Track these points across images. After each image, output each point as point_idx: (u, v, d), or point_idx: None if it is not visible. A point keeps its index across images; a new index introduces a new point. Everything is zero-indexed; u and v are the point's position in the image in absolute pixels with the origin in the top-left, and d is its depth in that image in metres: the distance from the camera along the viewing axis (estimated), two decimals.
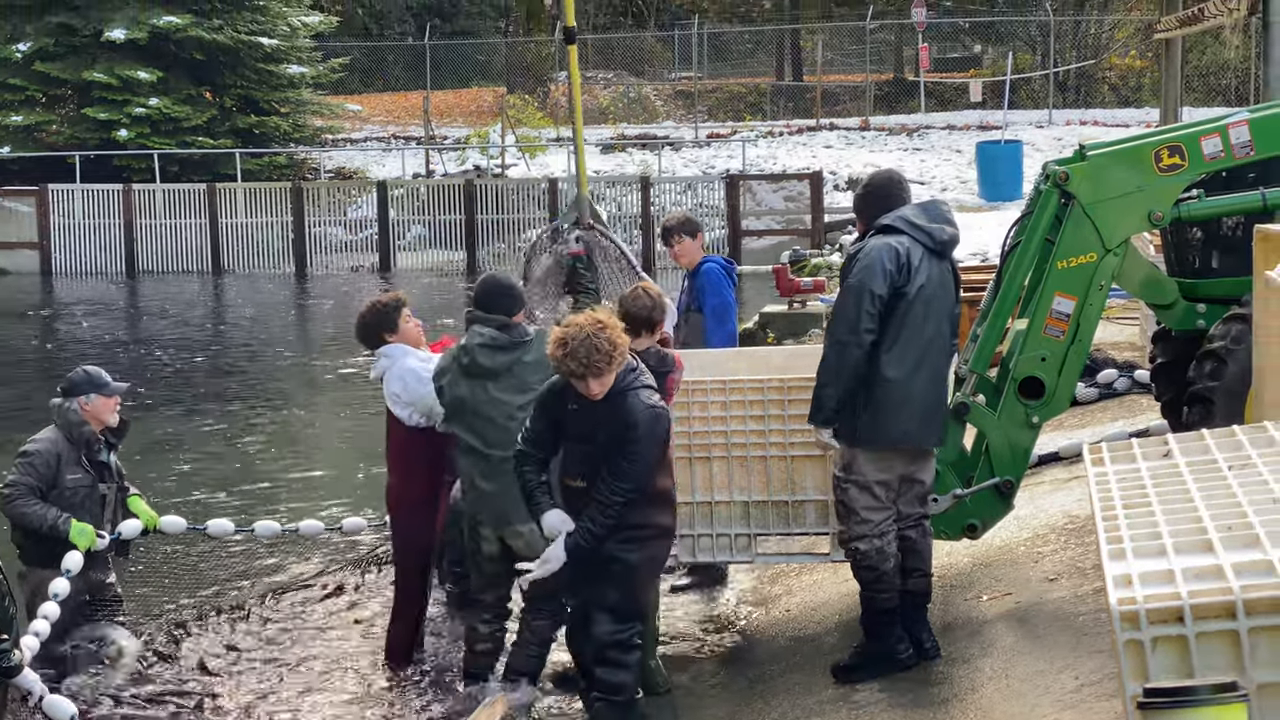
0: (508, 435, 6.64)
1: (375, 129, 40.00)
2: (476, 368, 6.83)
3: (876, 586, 6.39)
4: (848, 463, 6.40)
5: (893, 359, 6.27)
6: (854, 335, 6.24)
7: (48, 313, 27.29)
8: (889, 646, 6.37)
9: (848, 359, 6.26)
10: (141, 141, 32.62)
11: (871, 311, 6.22)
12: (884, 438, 6.34)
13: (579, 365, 5.77)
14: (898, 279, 6.25)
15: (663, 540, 6.19)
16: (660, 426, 5.97)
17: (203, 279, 30.99)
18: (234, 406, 17.53)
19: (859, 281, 6.27)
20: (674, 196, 31.60)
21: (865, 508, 6.37)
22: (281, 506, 11.78)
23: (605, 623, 5.98)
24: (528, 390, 6.68)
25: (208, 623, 8.66)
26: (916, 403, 6.32)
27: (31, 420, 8.10)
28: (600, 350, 5.76)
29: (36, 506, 7.72)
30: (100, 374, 8.03)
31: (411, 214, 32.57)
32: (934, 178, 31.06)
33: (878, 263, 6.26)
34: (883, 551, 6.37)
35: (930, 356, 6.38)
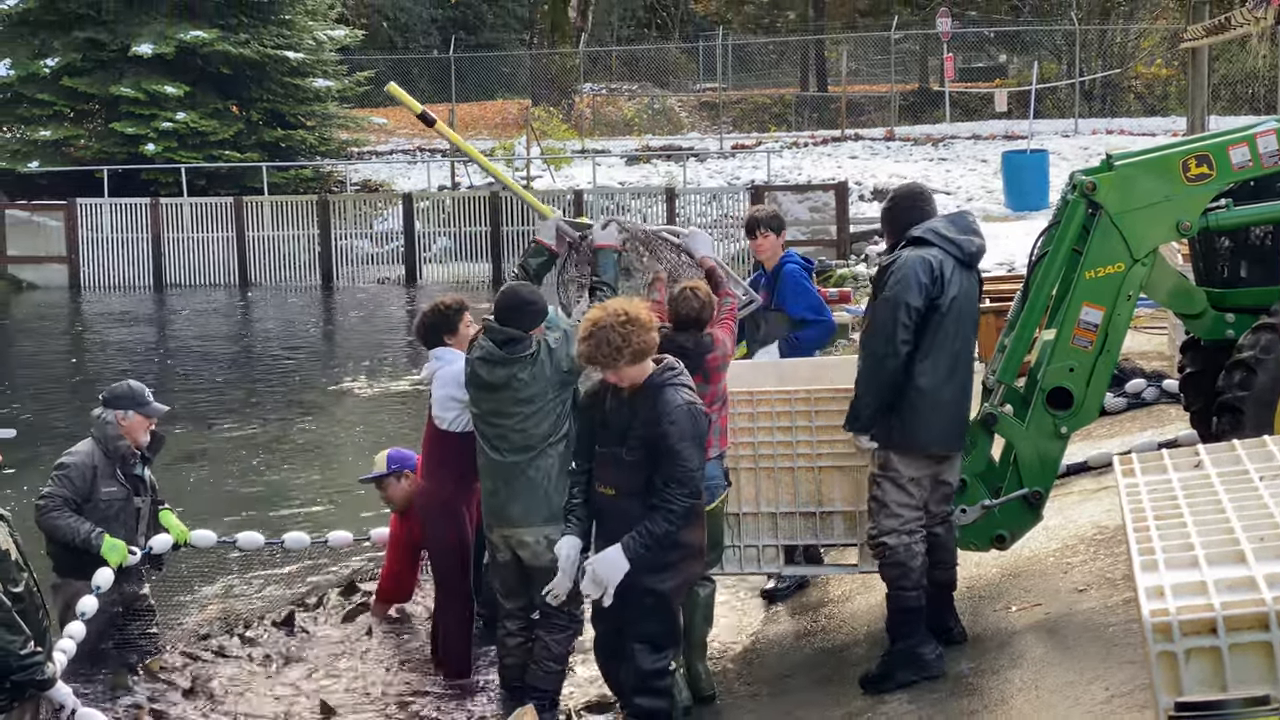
0: (510, 442, 6.83)
1: (401, 141, 40.12)
2: (477, 380, 6.97)
3: (903, 584, 6.49)
4: (883, 461, 6.58)
5: (926, 369, 6.45)
6: (890, 347, 6.40)
7: (79, 328, 27.42)
8: (915, 647, 6.43)
9: (885, 371, 6.43)
10: (169, 155, 32.77)
11: (907, 324, 6.38)
12: (916, 443, 6.51)
13: (591, 353, 5.90)
14: (932, 291, 6.42)
15: (693, 562, 6.17)
16: (698, 424, 5.93)
17: (230, 292, 31.11)
18: (261, 419, 17.58)
19: (895, 295, 6.40)
20: (699, 208, 31.60)
21: (897, 502, 6.51)
22: (310, 518, 11.79)
23: (644, 654, 6.00)
24: (530, 402, 6.80)
25: (235, 633, 8.70)
26: (946, 410, 6.53)
27: (59, 435, 8.14)
28: (609, 343, 5.82)
29: (71, 519, 7.77)
30: (144, 392, 8.09)
31: (437, 226, 32.65)
32: (959, 188, 30.97)
33: (912, 276, 6.41)
34: (910, 549, 6.48)
35: (959, 366, 6.57)
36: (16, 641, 5.98)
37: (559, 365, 6.82)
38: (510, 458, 6.87)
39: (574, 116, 41.38)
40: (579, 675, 7.39)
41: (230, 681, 7.96)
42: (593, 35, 45.67)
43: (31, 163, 33.13)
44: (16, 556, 6.20)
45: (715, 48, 42.95)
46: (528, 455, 6.84)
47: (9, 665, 5.99)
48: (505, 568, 7.02)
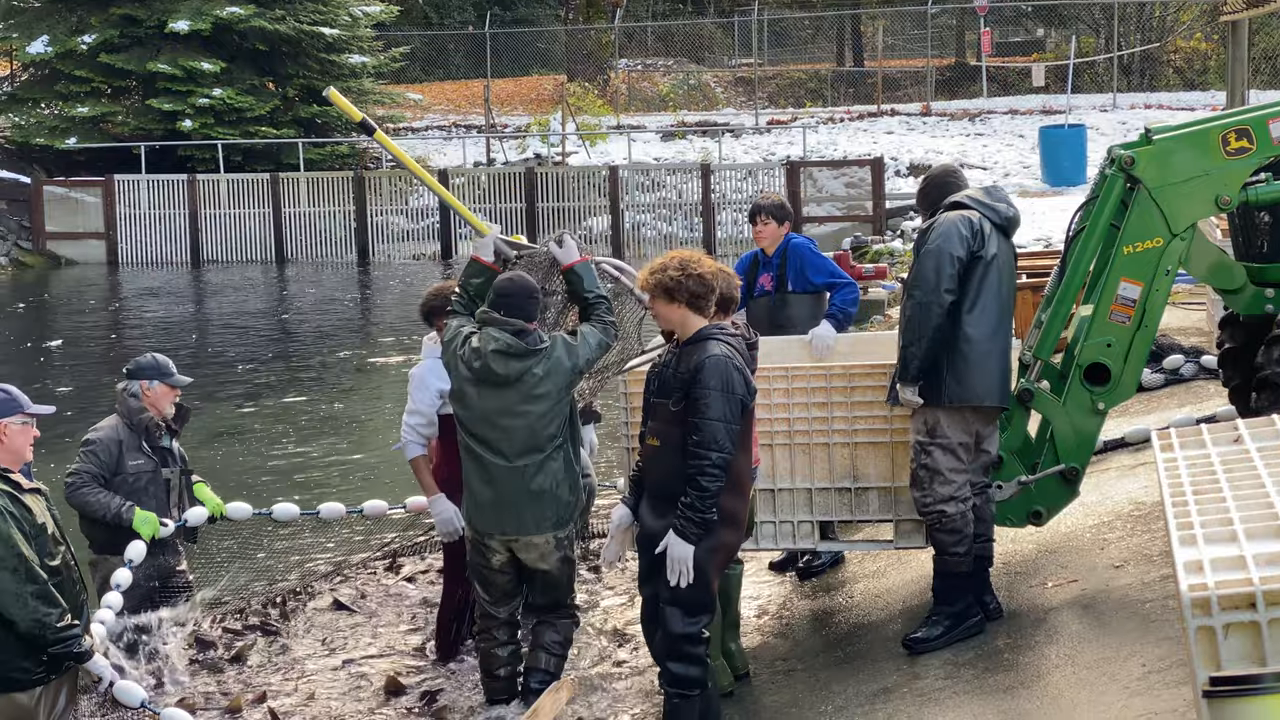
0: (514, 444, 6.52)
1: (436, 118, 40.14)
2: (489, 374, 6.54)
3: (955, 550, 6.57)
4: (931, 426, 6.59)
5: (974, 319, 6.55)
6: (934, 295, 6.49)
7: (116, 304, 27.58)
8: (960, 610, 6.51)
9: (929, 318, 6.49)
10: (205, 132, 32.90)
11: (951, 273, 6.49)
12: (969, 394, 6.55)
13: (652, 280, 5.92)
14: (973, 244, 6.56)
15: (731, 529, 5.94)
16: (732, 378, 5.73)
17: (266, 268, 31.24)
18: (296, 394, 17.67)
19: (937, 246, 6.55)
20: (734, 184, 31.54)
21: (950, 469, 6.56)
22: (345, 490, 11.84)
23: (675, 618, 5.90)
24: (540, 400, 6.53)
25: (274, 607, 8.75)
26: (996, 361, 6.60)
27: (97, 412, 8.18)
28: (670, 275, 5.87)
29: (100, 495, 7.80)
30: (168, 363, 8.10)
31: (473, 202, 32.65)
32: (996, 163, 30.81)
33: (954, 229, 6.57)
34: (965, 516, 6.57)
35: (1004, 320, 6.68)
36: (53, 614, 6.02)
37: (575, 363, 6.59)
38: (517, 461, 6.54)
39: (609, 92, 41.31)
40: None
41: (271, 656, 8.01)
42: (628, 11, 45.55)
43: (69, 139, 33.31)
44: (53, 530, 6.24)
45: (750, 23, 42.78)
46: (535, 458, 6.54)
47: (45, 638, 6.03)
48: (500, 573, 6.71)
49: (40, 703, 6.16)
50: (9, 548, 5.92)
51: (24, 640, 6.01)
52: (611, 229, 31.74)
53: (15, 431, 6.15)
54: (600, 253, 32.54)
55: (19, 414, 6.17)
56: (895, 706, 6.02)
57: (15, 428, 6.15)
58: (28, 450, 6.23)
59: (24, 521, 6.01)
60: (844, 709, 6.21)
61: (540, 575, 6.70)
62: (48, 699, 6.19)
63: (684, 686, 5.91)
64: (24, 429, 6.18)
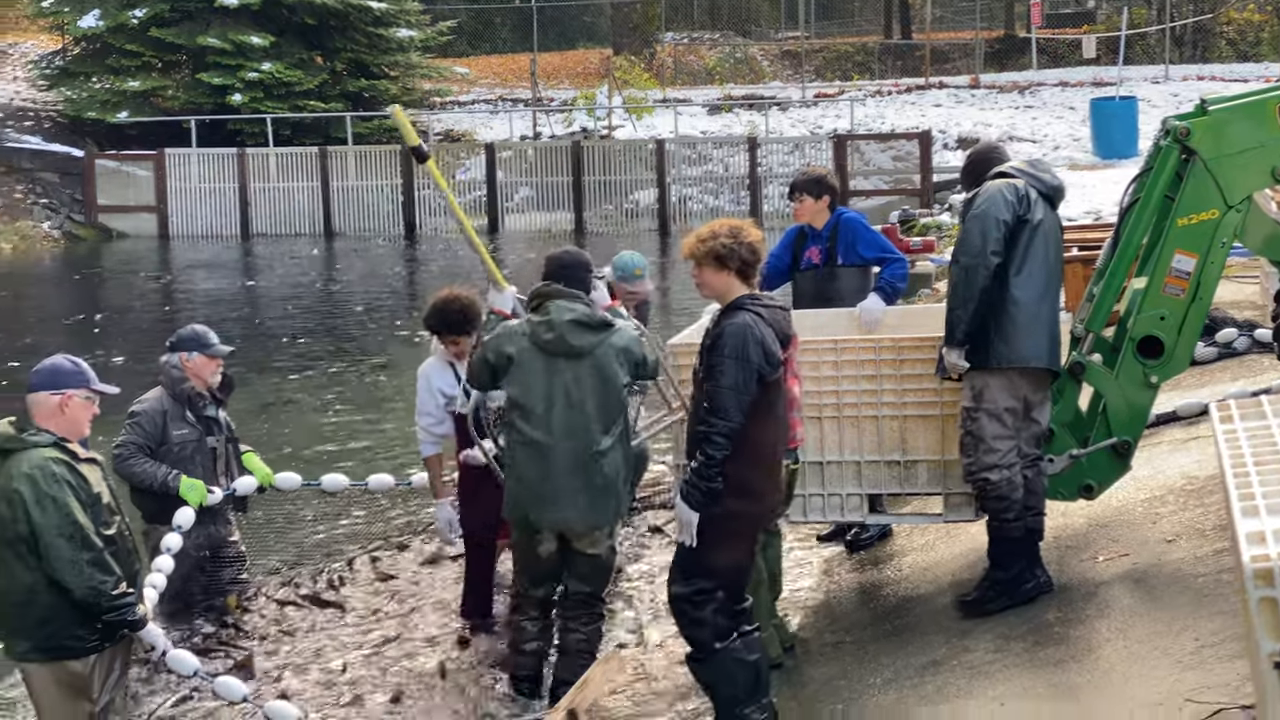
0: (583, 423, 6.43)
1: (483, 91, 40.15)
2: (563, 345, 6.45)
3: (1006, 515, 6.57)
4: (979, 391, 6.57)
5: (1021, 282, 6.55)
6: (980, 258, 6.50)
7: (167, 277, 27.77)
8: (1016, 575, 6.52)
9: (975, 281, 6.51)
10: (255, 106, 33.03)
11: (997, 236, 6.51)
12: (1017, 357, 6.53)
13: (694, 245, 5.89)
14: (1019, 209, 6.57)
15: (743, 498, 5.73)
16: (748, 347, 5.64)
17: (314, 241, 31.37)
18: (344, 366, 17.75)
19: (983, 211, 6.57)
20: (781, 157, 31.41)
21: (995, 436, 6.54)
22: (391, 462, 11.89)
23: (675, 578, 5.89)
24: (609, 380, 6.46)
25: (323, 578, 8.81)
26: (1044, 324, 6.59)
27: (147, 383, 8.23)
28: (699, 235, 5.89)
29: (147, 465, 7.86)
30: (207, 334, 8.12)
31: (519, 176, 32.71)
32: (1046, 135, 30.55)
33: (999, 194, 6.59)
34: (1011, 481, 6.55)
35: (1052, 284, 6.69)
36: (109, 582, 6.07)
37: (644, 355, 6.57)
38: (584, 442, 6.44)
39: (655, 65, 41.21)
40: None
41: (320, 626, 8.06)
42: None
43: (121, 113, 33.50)
44: (109, 500, 6.30)
45: None
46: (603, 442, 6.47)
47: (100, 605, 6.09)
48: (547, 560, 6.65)
49: (95, 670, 6.23)
50: (65, 516, 5.98)
51: (79, 608, 6.07)
52: (658, 202, 31.69)
53: (77, 405, 6.20)
54: (646, 227, 32.56)
55: (84, 388, 6.23)
56: (945, 679, 6.00)
57: (78, 401, 6.21)
58: (86, 425, 6.28)
59: (80, 490, 6.07)
60: (893, 681, 6.20)
61: (588, 562, 6.65)
62: (102, 667, 6.26)
63: (692, 647, 5.90)
64: (86, 404, 6.24)
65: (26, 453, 6.06)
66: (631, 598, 8.14)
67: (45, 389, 6.21)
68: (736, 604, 5.90)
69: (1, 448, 6.13)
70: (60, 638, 6.12)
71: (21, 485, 5.98)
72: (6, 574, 6.11)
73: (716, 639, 5.83)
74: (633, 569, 8.59)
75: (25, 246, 30.66)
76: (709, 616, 5.81)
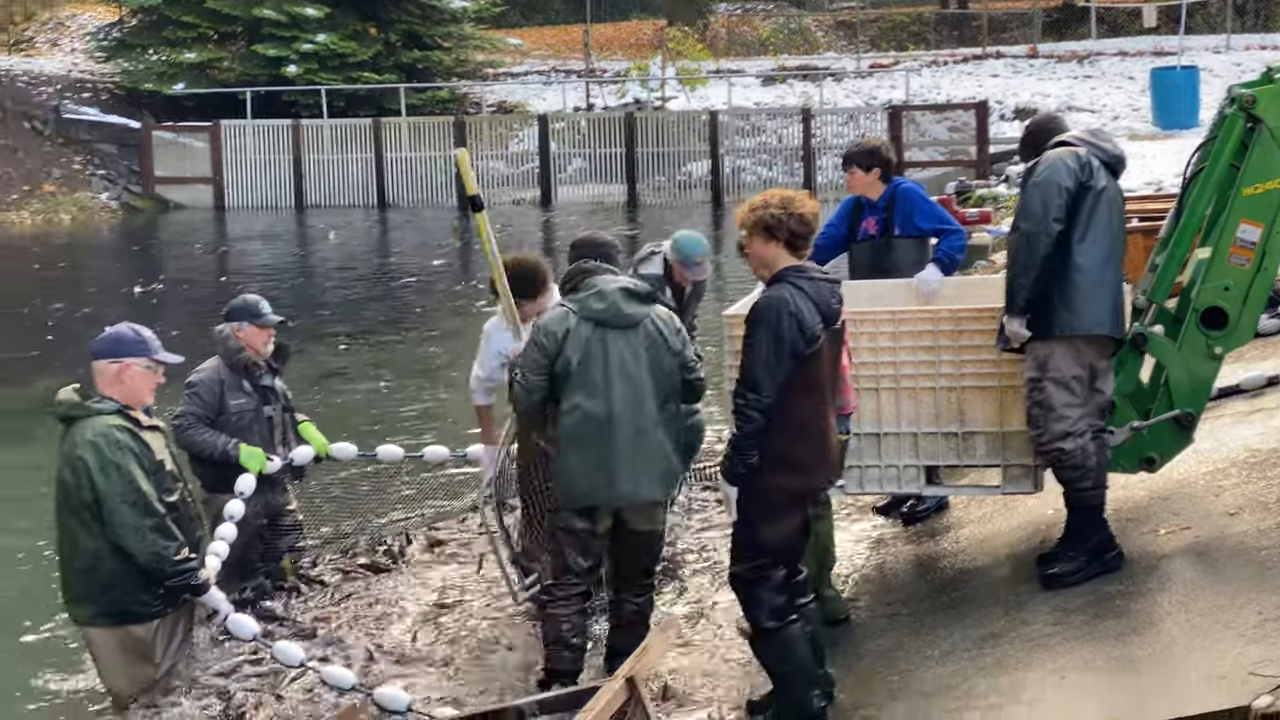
0: (644, 395, 6.37)
1: (536, 63, 40.14)
2: (617, 315, 6.38)
3: (1083, 484, 6.51)
4: (1043, 360, 6.50)
5: (1084, 249, 6.48)
6: (1042, 225, 6.43)
7: (223, 248, 27.97)
8: (1096, 545, 6.46)
9: (1037, 249, 6.44)
10: (309, 77, 33.17)
11: (1059, 203, 6.43)
12: (1081, 325, 6.47)
13: (745, 214, 5.87)
14: (1081, 175, 6.49)
15: (784, 472, 5.66)
16: (781, 321, 5.57)
17: (368, 212, 31.50)
18: (398, 337, 17.83)
19: (1045, 178, 6.49)
20: (835, 129, 31.26)
21: (1064, 404, 6.47)
22: (445, 433, 11.93)
23: (732, 557, 5.88)
24: (660, 350, 6.42)
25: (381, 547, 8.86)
26: (1109, 291, 6.52)
27: (203, 354, 8.29)
28: (753, 207, 5.84)
29: (206, 434, 7.92)
30: (258, 304, 8.14)
31: (572, 147, 32.70)
32: (1105, 106, 30.25)
33: (1061, 162, 6.52)
34: (1085, 449, 6.48)
35: (1116, 250, 6.59)
36: (171, 547, 6.14)
37: (684, 344, 6.55)
38: (645, 414, 6.36)
39: (709, 36, 41.07)
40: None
41: (378, 594, 8.11)
42: None
43: (177, 85, 33.74)
44: (172, 467, 6.37)
45: None
46: (662, 414, 6.42)
47: (164, 570, 6.16)
48: (601, 539, 6.49)
49: (157, 635, 6.31)
50: (128, 482, 6.04)
51: (142, 573, 6.14)
52: (711, 174, 31.61)
53: (137, 374, 6.26)
54: (699, 199, 32.47)
55: (145, 357, 6.28)
56: (1004, 651, 5.97)
57: (138, 370, 6.26)
58: (147, 394, 6.34)
59: (143, 457, 6.14)
60: (950, 654, 6.17)
61: (643, 540, 6.57)
62: (164, 631, 6.34)
63: (753, 627, 5.88)
64: (147, 373, 6.29)
65: (90, 420, 6.13)
66: (688, 567, 8.14)
67: (106, 357, 6.27)
68: (792, 578, 5.89)
69: (66, 415, 6.20)
70: (124, 603, 6.20)
71: (86, 452, 6.05)
72: (71, 540, 6.19)
73: (775, 618, 5.81)
74: (689, 538, 8.59)
75: (84, 217, 30.96)
76: (766, 596, 5.80)
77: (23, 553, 9.20)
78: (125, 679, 6.37)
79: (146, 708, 6.43)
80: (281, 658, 6.56)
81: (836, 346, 5.90)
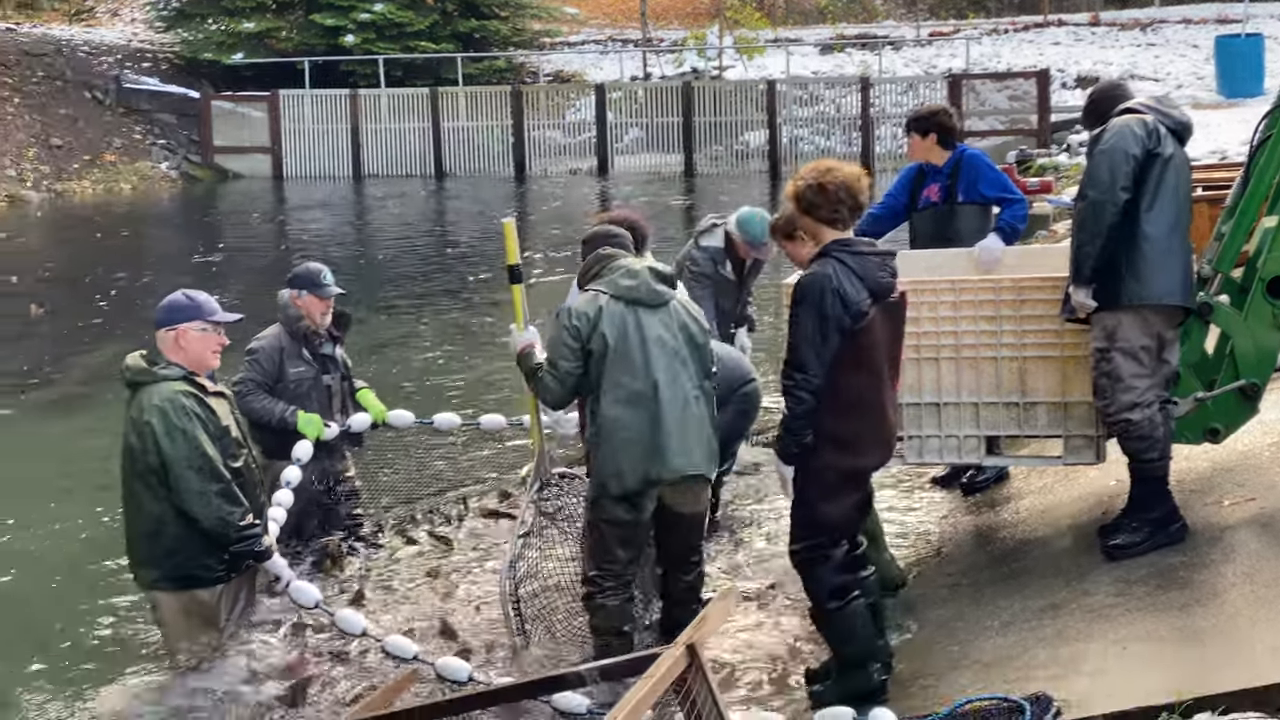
0: (687, 368, 6.33)
1: (592, 32, 40.09)
2: (650, 293, 6.36)
3: (1148, 455, 6.45)
4: (1111, 330, 6.43)
5: (1153, 217, 6.37)
6: (1109, 194, 6.33)
7: (281, 217, 28.13)
8: (1161, 517, 6.40)
9: (1103, 217, 6.34)
10: (367, 47, 33.27)
11: (1127, 170, 6.33)
12: (1150, 294, 6.38)
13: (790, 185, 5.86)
14: (1149, 143, 6.39)
15: (838, 451, 5.66)
16: (824, 298, 5.52)
17: (425, 182, 31.59)
18: (455, 306, 17.88)
19: (1112, 145, 6.39)
20: (894, 97, 31.05)
21: (1132, 374, 6.40)
22: (501, 402, 11.96)
23: (791, 536, 5.87)
24: (691, 328, 6.41)
25: (442, 515, 8.90)
26: (1177, 259, 6.41)
27: (262, 321, 8.34)
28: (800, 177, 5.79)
29: (265, 400, 7.97)
30: (321, 274, 8.15)
31: (629, 117, 32.65)
32: (1169, 74, 29.90)
33: (1127, 129, 6.42)
34: (1153, 420, 6.41)
35: (1183, 219, 6.49)
36: (236, 513, 6.19)
37: (691, 306, 6.53)
38: (683, 386, 6.31)
39: (767, 5, 40.86)
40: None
41: (436, 563, 8.15)
42: None
43: (236, 54, 33.93)
44: (236, 433, 6.41)
45: None
46: (705, 386, 6.41)
47: (228, 536, 6.21)
48: (645, 527, 6.43)
49: (221, 600, 6.37)
50: (194, 448, 6.09)
51: (207, 538, 6.20)
52: (768, 144, 31.50)
53: (195, 338, 6.29)
54: (756, 168, 32.35)
55: (198, 320, 6.32)
56: (1064, 622, 5.94)
57: (194, 334, 6.29)
58: (210, 357, 6.37)
59: (208, 423, 6.18)
60: (1010, 624, 6.14)
61: (686, 521, 6.52)
62: (229, 596, 6.40)
63: (814, 605, 5.89)
64: (204, 336, 6.32)
65: (156, 386, 6.18)
66: (742, 540, 8.14)
67: (162, 325, 6.33)
68: (852, 552, 5.89)
69: (132, 381, 6.26)
70: (188, 567, 6.26)
71: (152, 418, 6.10)
72: (136, 505, 6.25)
73: (836, 598, 5.81)
74: (747, 511, 8.59)
75: (144, 187, 31.22)
76: (827, 575, 5.80)
77: (88, 517, 9.32)
78: (189, 643, 6.44)
79: (209, 671, 6.50)
80: (343, 625, 6.59)
81: (895, 322, 5.81)
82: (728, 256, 9.02)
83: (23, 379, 14.05)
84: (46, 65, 32.98)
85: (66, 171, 30.91)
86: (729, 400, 7.46)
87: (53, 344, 15.73)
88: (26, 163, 30.35)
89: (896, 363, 5.87)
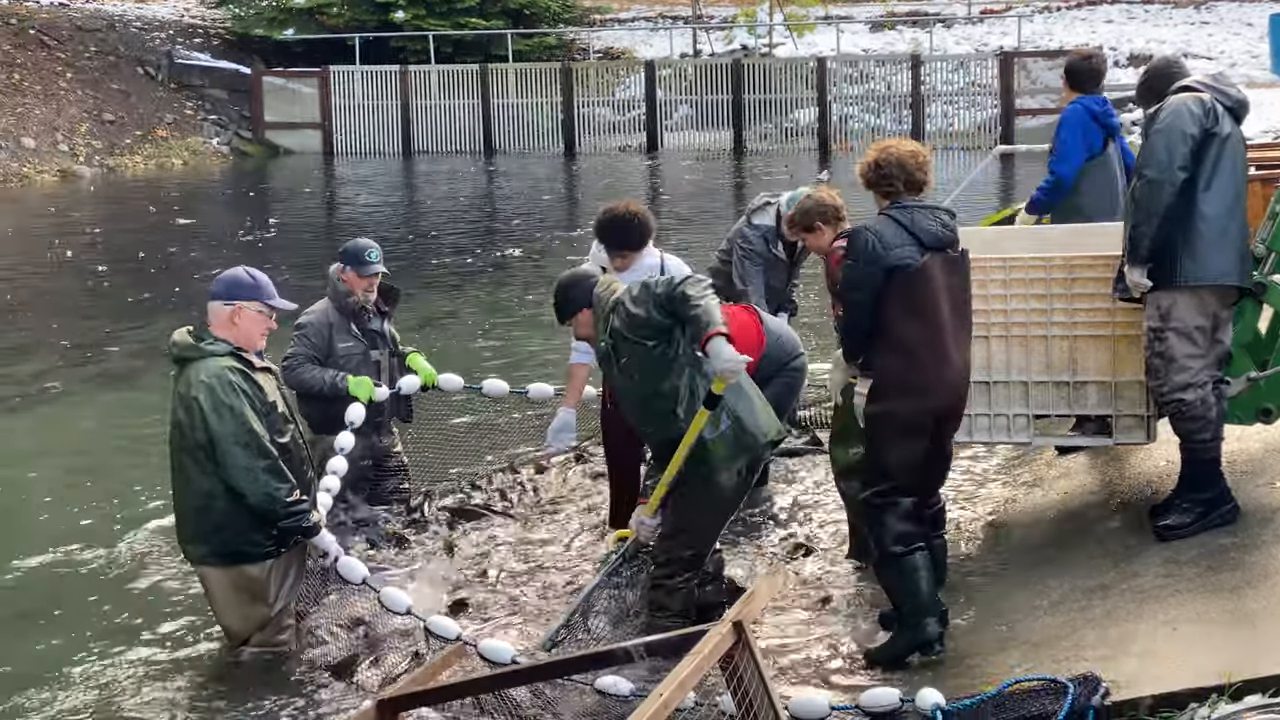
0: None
1: (642, 8, 39.99)
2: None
3: (1201, 436, 6.39)
4: (1166, 310, 6.37)
5: (1210, 196, 6.31)
6: (1166, 173, 6.27)
7: (329, 192, 28.22)
8: (1212, 498, 6.36)
9: (1160, 197, 6.27)
10: (417, 23, 33.31)
11: (1184, 150, 6.27)
12: (1206, 274, 6.32)
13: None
14: (1206, 122, 6.32)
15: (900, 396, 5.83)
16: (863, 249, 5.83)
17: (475, 159, 31.62)
18: (504, 283, 17.90)
19: (1169, 125, 6.33)
20: (945, 75, 30.86)
21: (1186, 355, 6.35)
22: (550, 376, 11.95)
23: (856, 482, 6.02)
24: None
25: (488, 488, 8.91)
26: (1233, 240, 6.35)
27: (311, 297, 8.37)
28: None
29: (314, 370, 8.00)
30: (366, 251, 8.14)
31: (678, 94, 32.57)
32: (1222, 52, 29.59)
33: (1184, 108, 6.34)
34: (1205, 400, 6.36)
35: (1240, 199, 6.42)
36: (283, 489, 6.21)
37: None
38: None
39: None
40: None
41: (485, 538, 8.15)
42: None
43: (287, 30, 34.03)
44: (283, 409, 6.44)
45: None
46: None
47: (276, 512, 6.23)
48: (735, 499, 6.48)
49: (271, 575, 6.40)
50: (241, 424, 6.13)
51: (255, 514, 6.23)
52: (818, 121, 31.36)
53: (249, 317, 6.33)
54: (805, 146, 32.22)
55: (258, 301, 6.36)
56: (1114, 603, 5.90)
57: (250, 314, 6.33)
58: (259, 338, 6.41)
59: (256, 399, 6.21)
60: (1059, 604, 6.11)
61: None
62: (278, 571, 6.43)
63: (878, 551, 6.02)
64: (259, 317, 6.36)
65: (204, 361, 6.21)
66: (794, 518, 8.12)
67: (220, 299, 6.36)
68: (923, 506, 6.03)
69: (180, 356, 6.30)
70: (236, 543, 6.29)
71: (200, 393, 6.14)
72: (184, 480, 6.29)
73: (898, 544, 5.95)
74: (796, 488, 8.58)
75: (195, 162, 31.40)
76: (892, 522, 5.95)
77: (137, 491, 9.39)
78: (239, 618, 6.48)
79: (259, 646, 6.53)
80: (389, 603, 6.59)
81: (958, 274, 6.02)
82: (778, 236, 8.99)
83: (80, 352, 14.17)
84: (99, 41, 33.20)
85: (119, 147, 31.12)
86: (779, 374, 7.56)
87: (108, 318, 15.85)
88: (79, 138, 30.58)
89: (965, 313, 6.07)
